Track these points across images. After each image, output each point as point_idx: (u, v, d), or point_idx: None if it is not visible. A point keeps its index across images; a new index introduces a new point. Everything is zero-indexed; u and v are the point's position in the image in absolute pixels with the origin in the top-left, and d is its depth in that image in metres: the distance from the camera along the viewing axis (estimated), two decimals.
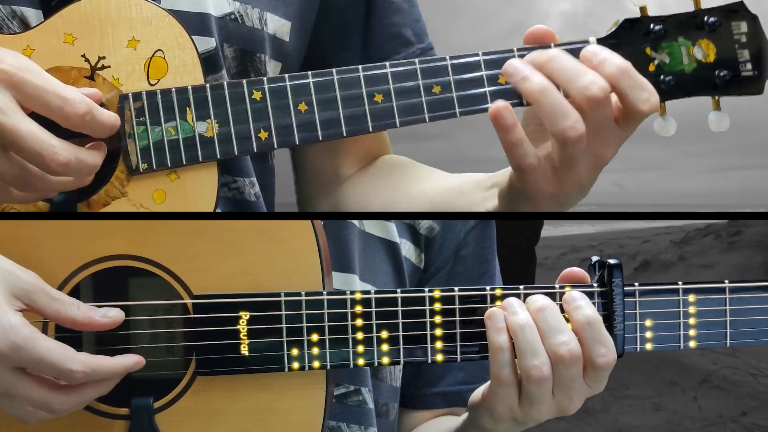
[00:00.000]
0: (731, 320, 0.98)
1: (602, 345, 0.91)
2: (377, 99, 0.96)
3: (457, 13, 49.81)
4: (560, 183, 0.95)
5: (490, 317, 0.91)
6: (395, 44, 1.17)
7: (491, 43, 4.86)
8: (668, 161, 78.17)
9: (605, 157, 0.95)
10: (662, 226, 9.38)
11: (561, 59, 0.93)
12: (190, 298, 0.90)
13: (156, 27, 0.95)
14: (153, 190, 0.95)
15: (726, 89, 0.99)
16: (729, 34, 0.99)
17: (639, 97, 0.92)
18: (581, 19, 63.48)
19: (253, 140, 0.95)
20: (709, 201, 38.64)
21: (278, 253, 0.91)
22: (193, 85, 0.94)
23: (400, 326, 0.93)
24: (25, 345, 0.81)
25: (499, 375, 0.91)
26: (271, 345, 0.91)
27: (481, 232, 1.17)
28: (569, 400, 0.92)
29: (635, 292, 0.96)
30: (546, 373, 0.89)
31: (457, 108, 0.96)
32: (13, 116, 0.84)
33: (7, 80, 0.84)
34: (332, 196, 1.21)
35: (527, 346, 0.89)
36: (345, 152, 1.19)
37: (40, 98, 0.85)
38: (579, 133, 0.90)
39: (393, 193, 1.16)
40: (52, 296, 0.85)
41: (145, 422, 0.90)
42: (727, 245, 7.61)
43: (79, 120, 0.86)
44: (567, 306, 0.93)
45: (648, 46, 0.98)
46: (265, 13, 1.06)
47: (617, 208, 1.11)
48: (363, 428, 1.07)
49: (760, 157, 38.46)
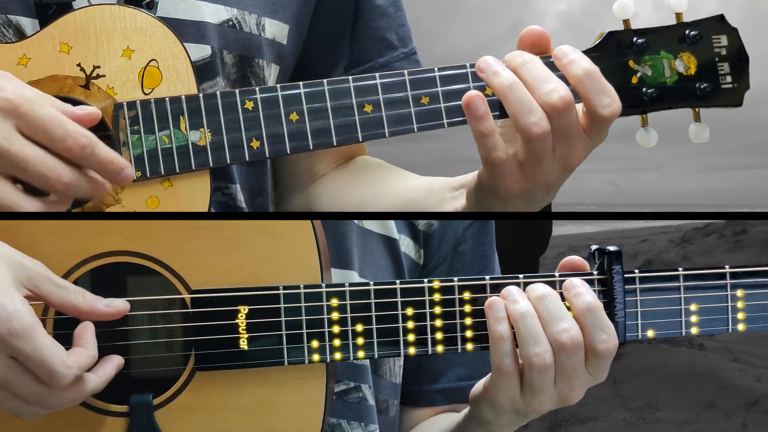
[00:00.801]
0: (732, 306, 0.98)
1: (603, 331, 0.92)
2: (367, 109, 0.98)
3: (456, 13, 49.79)
4: (527, 181, 0.96)
5: (491, 306, 0.92)
6: (380, 48, 1.19)
7: (489, 44, 4.79)
8: (664, 161, 78.39)
9: (572, 162, 0.97)
10: (659, 225, 9.39)
11: (533, 65, 0.95)
12: (188, 294, 0.92)
13: (150, 37, 0.96)
14: (146, 198, 0.97)
15: (706, 101, 1.01)
16: (710, 47, 1.02)
17: (600, 102, 0.94)
18: (578, 19, 63.57)
19: (245, 149, 0.96)
20: (705, 200, 38.71)
21: (276, 248, 0.92)
22: (187, 95, 0.96)
23: (399, 318, 0.94)
24: (25, 333, 0.81)
25: (500, 365, 0.91)
26: (271, 339, 0.92)
27: (479, 228, 1.19)
28: (571, 389, 0.93)
29: (635, 279, 0.97)
30: (548, 361, 0.90)
31: (445, 119, 0.98)
32: (17, 143, 0.86)
33: (12, 111, 0.86)
34: (305, 193, 1.23)
35: (528, 334, 0.90)
36: (322, 152, 1.20)
37: (44, 129, 0.87)
38: (543, 129, 0.93)
39: (366, 190, 1.18)
40: (57, 284, 0.86)
41: (144, 419, 0.91)
42: (732, 244, 7.58)
43: (79, 152, 0.88)
44: (567, 293, 0.94)
45: (631, 58, 1.01)
46: (263, 18, 1.08)
47: (613, 208, 1.14)
48: (364, 425, 1.08)
49: (755, 158, 38.70)
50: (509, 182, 0.96)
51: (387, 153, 1.28)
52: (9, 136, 0.86)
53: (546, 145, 0.94)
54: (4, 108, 0.86)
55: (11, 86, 0.87)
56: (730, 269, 0.99)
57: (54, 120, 0.87)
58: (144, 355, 0.92)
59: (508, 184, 0.96)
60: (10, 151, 0.86)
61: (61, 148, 0.88)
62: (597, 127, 0.95)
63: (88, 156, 0.89)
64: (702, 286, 0.98)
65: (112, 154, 0.91)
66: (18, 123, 0.86)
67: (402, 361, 1.16)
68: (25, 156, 0.86)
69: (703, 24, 1.02)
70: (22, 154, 0.86)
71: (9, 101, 0.86)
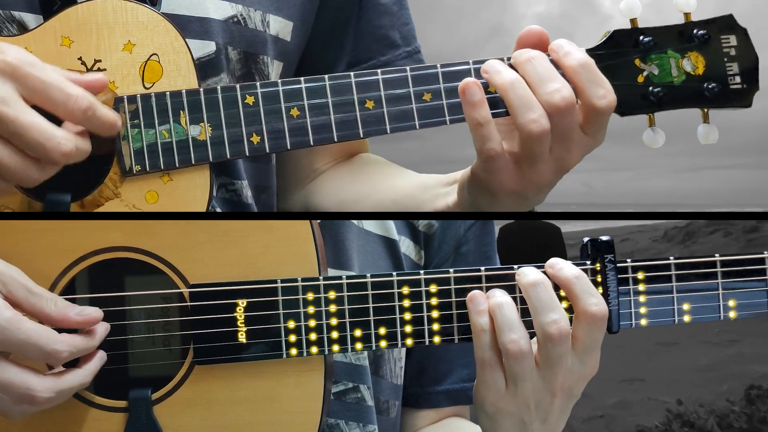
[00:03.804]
0: (723, 293, 0.98)
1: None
2: (368, 105, 0.97)
3: (435, 14, 50.02)
4: (520, 179, 0.96)
5: (472, 300, 0.92)
6: (382, 46, 1.18)
7: (470, 45, 4.78)
8: (636, 161, 78.49)
9: (568, 163, 0.96)
10: (636, 224, 9.35)
11: (538, 61, 0.95)
12: (186, 288, 0.91)
13: (152, 31, 0.96)
14: (146, 192, 0.96)
15: (715, 102, 1.00)
16: (718, 47, 1.00)
17: (596, 93, 0.93)
18: (556, 22, 63.80)
19: (245, 144, 0.96)
20: (678, 200, 38.56)
21: (274, 242, 0.92)
22: (187, 89, 0.96)
23: (397, 309, 0.93)
24: (10, 326, 0.81)
25: (483, 357, 0.91)
26: (269, 332, 0.92)
27: (481, 229, 1.18)
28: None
29: (628, 269, 0.96)
30: (524, 347, 0.89)
31: (447, 115, 0.97)
32: (16, 107, 0.85)
33: (11, 73, 0.85)
34: (305, 189, 1.22)
35: (504, 321, 0.90)
36: (322, 148, 1.19)
37: (44, 92, 0.86)
38: (542, 128, 0.92)
39: (363, 187, 1.18)
40: (30, 290, 0.85)
41: (143, 414, 0.91)
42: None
43: (81, 115, 0.87)
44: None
45: (637, 57, 0.99)
46: (268, 14, 1.08)
47: (586, 208, 1.14)
48: (362, 426, 1.08)
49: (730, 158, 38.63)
50: (502, 178, 0.96)
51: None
52: (9, 100, 0.84)
53: (543, 145, 0.93)
54: (5, 71, 0.85)
55: (12, 50, 0.86)
56: (720, 257, 0.98)
57: (55, 83, 0.86)
58: (142, 350, 0.91)
59: (501, 179, 0.96)
60: (8, 116, 0.84)
61: (62, 111, 0.87)
62: (594, 121, 0.94)
63: (90, 118, 0.88)
64: (693, 275, 0.98)
65: (112, 115, 0.91)
66: (18, 86, 0.85)
67: (403, 362, 1.15)
68: (23, 121, 0.85)
69: (712, 23, 1.00)
70: (19, 119, 0.85)
71: (9, 64, 0.85)
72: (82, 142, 0.89)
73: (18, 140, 0.86)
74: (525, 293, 0.91)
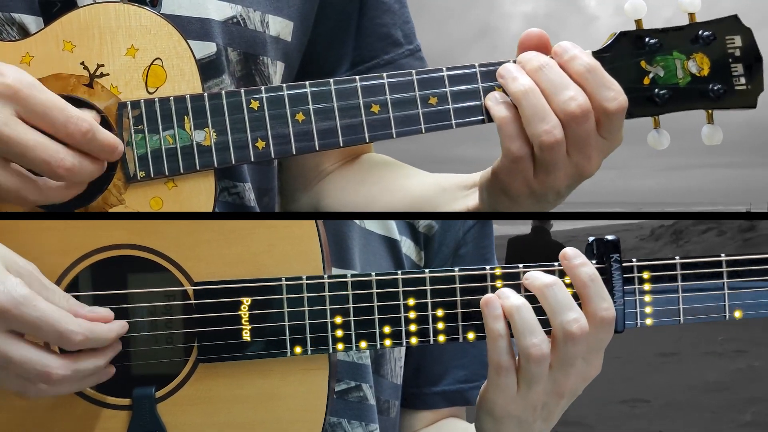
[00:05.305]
0: (729, 293, 0.98)
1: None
2: (374, 109, 0.96)
3: (422, 13, 49.91)
4: (540, 184, 0.96)
5: (487, 304, 0.91)
6: (385, 44, 1.18)
7: (457, 45, 4.77)
8: (621, 161, 79.65)
9: (588, 169, 0.96)
10: (621, 223, 9.40)
11: (550, 68, 0.94)
12: (191, 286, 0.91)
13: (155, 35, 0.95)
14: (150, 198, 0.95)
15: (720, 103, 1.00)
16: (723, 48, 1.00)
17: (606, 96, 0.93)
18: (542, 21, 63.76)
19: (250, 149, 0.95)
20: (663, 199, 38.77)
21: (278, 240, 0.92)
22: (192, 94, 0.95)
23: (401, 308, 0.93)
24: (26, 302, 0.81)
25: (499, 361, 0.90)
26: (273, 330, 0.91)
27: (480, 231, 1.18)
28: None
29: (633, 268, 0.97)
30: (545, 351, 0.89)
31: (453, 119, 0.97)
32: (17, 128, 0.85)
33: (12, 96, 0.85)
34: (313, 190, 1.22)
35: (524, 325, 0.89)
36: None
37: (44, 114, 0.86)
38: (554, 138, 0.92)
39: (374, 188, 1.17)
40: (45, 285, 0.85)
41: (146, 412, 0.91)
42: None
43: (80, 137, 0.87)
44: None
45: (643, 59, 0.99)
46: (267, 15, 1.07)
47: (574, 207, 1.14)
48: (364, 425, 1.08)
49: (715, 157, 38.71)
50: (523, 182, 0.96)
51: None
52: (9, 121, 0.85)
53: (557, 154, 0.93)
54: (5, 93, 0.85)
55: (12, 72, 0.86)
56: (726, 257, 0.99)
57: (55, 105, 0.87)
58: (146, 348, 0.91)
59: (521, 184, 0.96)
60: (11, 137, 0.85)
61: (62, 134, 0.87)
62: (608, 124, 0.94)
63: (90, 141, 0.88)
64: (698, 275, 0.98)
65: (112, 138, 0.90)
66: (18, 108, 0.86)
67: (402, 361, 1.15)
68: (26, 141, 0.85)
69: (717, 24, 1.00)
70: (21, 139, 0.85)
71: (9, 86, 0.85)
72: (86, 160, 0.89)
73: (22, 160, 0.86)
74: (541, 295, 0.91)
